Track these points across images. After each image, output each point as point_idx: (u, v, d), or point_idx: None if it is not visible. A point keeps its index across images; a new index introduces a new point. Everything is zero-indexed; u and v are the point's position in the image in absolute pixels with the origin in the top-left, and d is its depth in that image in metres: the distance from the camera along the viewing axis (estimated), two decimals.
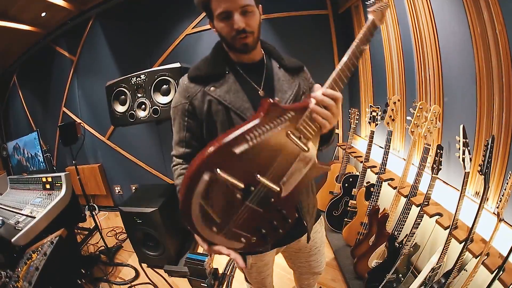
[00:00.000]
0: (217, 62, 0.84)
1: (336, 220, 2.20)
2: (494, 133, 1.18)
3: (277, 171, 0.64)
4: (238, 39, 0.76)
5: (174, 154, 0.89)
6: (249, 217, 0.64)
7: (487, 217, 1.15)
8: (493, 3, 1.11)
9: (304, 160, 0.66)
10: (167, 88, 1.73)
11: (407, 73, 1.80)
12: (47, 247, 1.58)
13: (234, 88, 0.81)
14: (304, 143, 0.65)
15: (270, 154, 0.62)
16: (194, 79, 0.83)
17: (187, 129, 0.85)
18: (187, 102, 0.82)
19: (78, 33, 3.05)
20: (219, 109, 0.79)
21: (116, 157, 3.19)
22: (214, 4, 0.75)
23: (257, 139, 0.60)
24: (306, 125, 0.66)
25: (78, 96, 3.23)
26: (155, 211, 1.92)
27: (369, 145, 1.97)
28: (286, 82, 0.87)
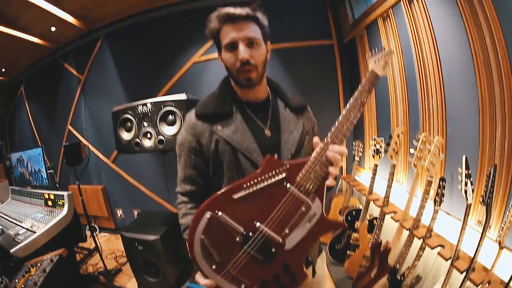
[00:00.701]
0: (224, 100, 0.84)
1: (338, 253, 2.18)
2: (496, 162, 1.18)
3: (277, 221, 0.66)
4: (242, 73, 0.78)
5: (179, 191, 0.88)
6: (251, 264, 0.66)
7: (489, 245, 1.14)
8: (495, 28, 1.13)
9: (307, 213, 0.66)
10: (173, 119, 1.75)
11: (410, 104, 1.80)
12: (47, 264, 1.59)
13: (242, 128, 0.81)
14: (305, 195, 0.67)
15: (268, 203, 0.66)
16: (202, 117, 0.83)
17: (193, 166, 0.84)
18: (194, 140, 0.82)
19: (86, 51, 3.10)
20: (226, 149, 0.79)
21: (120, 180, 3.19)
22: (222, 34, 0.78)
23: (255, 187, 0.66)
24: (306, 178, 0.68)
25: (84, 115, 3.25)
26: (157, 239, 1.91)
27: (372, 178, 1.96)
28: (292, 122, 0.87)
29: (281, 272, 0.66)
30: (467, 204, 1.14)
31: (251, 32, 0.77)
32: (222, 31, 0.78)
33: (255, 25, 0.79)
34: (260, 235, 0.65)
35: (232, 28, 0.76)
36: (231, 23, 0.76)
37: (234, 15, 0.75)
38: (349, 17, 2.39)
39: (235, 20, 0.76)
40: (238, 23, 0.76)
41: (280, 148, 0.83)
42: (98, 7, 2.60)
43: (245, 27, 0.76)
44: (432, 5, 1.48)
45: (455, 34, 1.34)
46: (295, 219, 0.66)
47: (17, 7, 2.32)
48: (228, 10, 0.76)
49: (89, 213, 2.58)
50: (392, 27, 1.87)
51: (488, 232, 1.18)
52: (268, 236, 0.65)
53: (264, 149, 0.80)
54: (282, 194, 0.67)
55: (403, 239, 1.53)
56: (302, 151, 0.87)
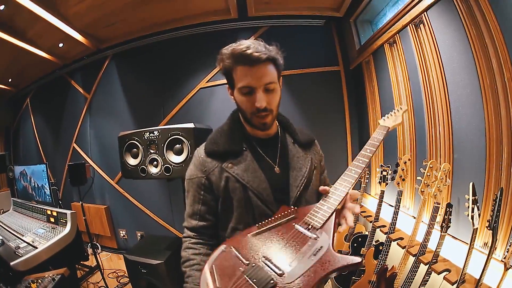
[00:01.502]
0: (234, 137, 0.84)
1: (343, 278, 2.15)
2: (502, 185, 1.19)
3: (281, 254, 0.65)
4: (257, 117, 0.77)
5: (186, 226, 0.88)
6: None
7: (495, 266, 1.14)
8: (501, 51, 1.14)
9: (313, 247, 0.64)
10: (180, 148, 1.75)
11: (417, 131, 1.81)
12: (48, 282, 1.57)
13: (252, 167, 0.81)
14: (310, 231, 0.68)
15: (276, 240, 0.69)
16: (211, 154, 0.83)
17: (202, 202, 0.84)
18: (204, 176, 0.82)
19: (94, 70, 3.13)
20: (236, 187, 0.79)
21: (124, 202, 3.17)
22: (238, 75, 0.75)
23: (266, 226, 0.72)
24: (312, 216, 0.70)
25: (89, 134, 3.26)
26: (161, 263, 1.89)
27: (379, 205, 1.95)
28: (301, 158, 0.87)
29: None
30: (473, 229, 1.15)
31: (269, 77, 0.75)
32: (236, 71, 0.75)
33: (272, 67, 0.76)
34: (260, 265, 0.64)
35: (249, 71, 0.73)
36: (248, 66, 0.72)
37: (252, 57, 0.71)
38: (356, 43, 2.42)
39: (253, 63, 0.72)
40: (255, 66, 0.73)
41: (289, 185, 0.83)
42: (106, 27, 2.63)
43: (263, 71, 0.74)
44: (438, 30, 1.50)
45: (462, 57, 1.37)
46: (299, 253, 0.64)
47: (25, 19, 2.33)
48: (244, 51, 0.71)
49: (91, 231, 2.57)
50: (398, 52, 1.89)
51: (494, 253, 1.17)
52: (268, 266, 0.63)
53: (274, 186, 0.81)
54: (289, 231, 0.69)
55: (409, 264, 1.52)
56: (310, 186, 0.87)
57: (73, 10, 2.30)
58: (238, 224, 0.82)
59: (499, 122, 1.19)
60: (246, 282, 0.62)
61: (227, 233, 0.84)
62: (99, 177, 3.20)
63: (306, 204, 0.81)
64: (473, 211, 1.13)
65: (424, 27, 1.59)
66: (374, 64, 2.22)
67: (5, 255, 1.75)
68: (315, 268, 0.61)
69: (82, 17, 2.41)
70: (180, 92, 2.82)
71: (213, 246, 0.85)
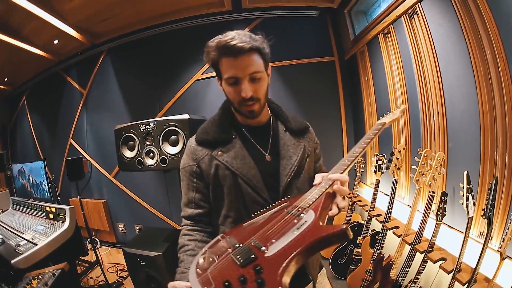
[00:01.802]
0: (224, 126, 0.85)
1: (340, 267, 2.18)
2: (497, 174, 1.20)
3: (267, 234, 0.64)
4: (245, 106, 0.78)
5: (183, 216, 0.89)
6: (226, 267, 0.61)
7: (491, 255, 1.16)
8: (495, 41, 1.15)
9: (297, 223, 0.63)
10: (175, 139, 1.76)
11: (412, 120, 1.82)
12: (48, 277, 1.58)
13: (241, 154, 0.82)
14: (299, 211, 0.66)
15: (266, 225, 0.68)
16: (202, 143, 0.85)
17: (196, 190, 0.85)
18: (195, 164, 0.84)
19: (89, 66, 3.13)
20: (226, 174, 0.80)
21: (122, 195, 3.18)
22: (223, 66, 0.76)
23: (261, 215, 0.73)
24: (302, 200, 0.69)
25: (86, 130, 3.27)
26: (159, 255, 1.91)
27: (374, 194, 1.97)
28: (292, 146, 0.87)
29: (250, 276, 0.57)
30: (468, 218, 1.16)
31: (254, 67, 0.75)
32: (221, 63, 0.75)
33: (257, 56, 0.76)
34: (246, 244, 0.64)
35: (233, 62, 0.73)
36: (232, 57, 0.73)
37: (235, 48, 0.71)
38: (350, 34, 2.42)
39: (237, 54, 0.72)
40: (239, 56, 0.72)
41: (279, 173, 0.83)
42: (100, 22, 2.62)
43: (247, 61, 0.73)
44: (432, 20, 1.51)
45: (456, 48, 1.37)
46: (284, 230, 0.63)
47: (20, 17, 2.32)
48: (228, 42, 0.71)
49: (90, 227, 2.58)
50: (393, 43, 1.90)
51: (490, 243, 1.20)
52: (253, 244, 0.63)
53: (264, 173, 0.81)
54: (279, 215, 0.69)
55: (405, 253, 1.54)
56: (302, 174, 0.87)
57: (68, 6, 2.29)
58: (229, 211, 0.82)
59: (493, 112, 1.20)
60: (230, 258, 0.62)
61: (219, 220, 0.85)
62: (96, 172, 3.21)
63: (297, 192, 0.82)
64: (468, 199, 1.14)
65: (418, 18, 1.59)
66: (369, 54, 2.23)
67: (6, 254, 1.75)
68: (297, 239, 0.59)
69: (76, 13, 2.41)
70: (175, 84, 2.83)
71: (209, 233, 0.86)
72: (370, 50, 2.20)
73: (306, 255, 0.58)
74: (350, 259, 2.11)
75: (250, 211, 0.77)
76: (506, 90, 1.13)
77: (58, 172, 3.55)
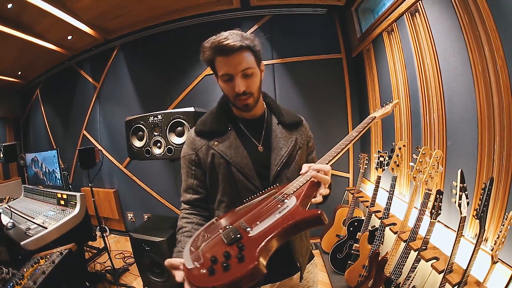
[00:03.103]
0: (220, 119, 0.93)
1: (339, 262, 2.21)
2: (494, 174, 1.19)
3: (254, 217, 0.70)
4: (239, 100, 0.84)
5: (182, 200, 0.96)
6: (214, 245, 0.68)
7: (485, 258, 1.15)
8: (493, 38, 1.15)
9: (280, 208, 0.68)
10: (181, 130, 1.83)
11: (413, 117, 1.84)
12: (56, 256, 1.63)
13: (235, 144, 0.88)
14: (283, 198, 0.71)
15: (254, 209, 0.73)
16: (200, 133, 0.93)
17: (194, 177, 0.93)
18: (194, 153, 0.92)
19: (102, 60, 3.23)
20: (221, 163, 0.87)
21: (132, 185, 3.28)
22: (217, 65, 0.82)
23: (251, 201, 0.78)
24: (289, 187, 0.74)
25: (99, 121, 3.37)
26: (163, 241, 1.98)
27: (375, 190, 1.99)
28: (283, 139, 0.93)
29: (233, 253, 0.63)
30: (461, 217, 1.16)
31: (245, 64, 0.80)
32: (216, 62, 0.81)
33: (248, 53, 0.81)
34: (234, 225, 0.70)
35: (226, 60, 0.79)
36: (225, 55, 0.78)
37: (226, 47, 0.77)
38: (357, 31, 2.44)
39: (228, 53, 0.77)
40: (231, 55, 0.78)
41: (270, 163, 0.89)
42: (113, 19, 2.71)
43: (238, 59, 0.79)
44: (433, 17, 1.53)
45: (455, 45, 1.38)
46: (268, 213, 0.68)
47: (33, 14, 2.40)
48: (221, 42, 0.77)
49: (100, 215, 2.68)
50: (396, 40, 1.91)
51: (484, 245, 1.20)
52: (240, 226, 0.68)
53: (256, 162, 0.88)
54: (266, 201, 0.74)
55: (400, 250, 1.56)
56: (293, 165, 0.92)
57: (80, 5, 2.37)
58: (223, 197, 0.90)
59: (491, 110, 1.20)
60: (220, 237, 0.68)
61: (215, 205, 0.92)
62: (108, 162, 3.31)
63: (287, 181, 0.87)
64: (461, 198, 1.14)
65: (419, 15, 1.61)
66: (374, 52, 2.25)
67: (16, 237, 1.81)
68: (277, 222, 0.65)
69: (89, 10, 2.49)
70: (185, 79, 2.90)
71: (206, 217, 0.93)
72: (376, 48, 2.22)
73: (285, 235, 0.63)
74: (349, 254, 2.14)
75: (242, 197, 0.82)
76: (504, 87, 1.14)
77: (71, 162, 3.67)
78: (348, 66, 2.64)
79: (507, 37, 1.11)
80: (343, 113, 2.68)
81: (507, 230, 1.02)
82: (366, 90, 2.42)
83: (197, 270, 0.61)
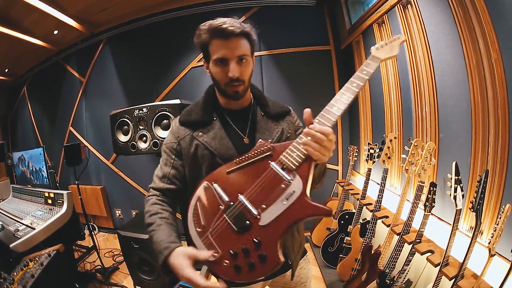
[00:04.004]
0: (206, 109, 0.89)
1: (331, 256, 2.20)
2: (489, 167, 1.19)
3: (256, 194, 0.69)
4: (230, 86, 0.81)
5: (153, 187, 0.90)
6: (226, 233, 0.69)
7: (481, 251, 1.14)
8: (488, 31, 1.13)
9: (286, 190, 0.66)
10: (167, 123, 1.79)
11: (404, 109, 1.82)
12: (44, 258, 1.63)
13: (220, 135, 0.85)
14: (285, 172, 0.67)
15: (253, 178, 0.71)
16: (184, 123, 0.89)
17: (172, 166, 0.89)
18: (176, 142, 0.88)
19: (88, 55, 3.17)
20: (205, 154, 0.84)
21: (119, 181, 3.23)
22: (212, 48, 0.79)
23: (243, 163, 0.74)
24: (288, 155, 0.68)
25: (85, 117, 3.31)
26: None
27: (365, 183, 1.98)
28: (268, 130, 0.90)
29: (252, 248, 0.65)
30: (456, 209, 1.15)
31: (243, 49, 0.79)
32: (212, 44, 0.79)
33: (246, 41, 0.80)
34: (238, 204, 0.70)
35: (224, 43, 0.77)
36: (223, 39, 0.77)
37: (227, 31, 0.75)
38: (347, 23, 2.42)
39: (228, 36, 0.76)
40: (230, 39, 0.77)
41: None
42: (99, 12, 2.65)
43: (237, 44, 0.78)
44: (425, 10, 1.51)
45: (448, 38, 1.36)
46: (273, 195, 0.67)
47: (20, 9, 2.37)
48: (220, 25, 0.76)
49: (88, 213, 2.63)
50: (387, 32, 1.89)
51: (480, 238, 1.19)
52: (245, 207, 0.68)
53: (242, 154, 0.82)
54: (266, 170, 0.70)
55: (394, 243, 1.54)
56: None
57: None
58: None
59: (486, 103, 1.19)
60: (225, 222, 0.69)
61: None
62: (95, 158, 3.26)
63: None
64: (456, 191, 1.13)
65: (411, 7, 1.59)
66: (364, 44, 2.23)
67: (5, 240, 1.79)
68: (286, 214, 0.65)
69: (75, 4, 2.44)
70: (172, 71, 2.86)
71: (171, 214, 0.86)
72: (365, 40, 2.20)
73: (292, 227, 0.66)
74: (341, 247, 2.13)
75: None
76: (498, 80, 1.12)
77: (58, 160, 3.60)
78: (337, 58, 2.62)
79: (502, 30, 1.09)
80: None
81: (504, 222, 1.01)
82: None
83: (221, 262, 0.67)
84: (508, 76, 1.09)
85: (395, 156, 1.84)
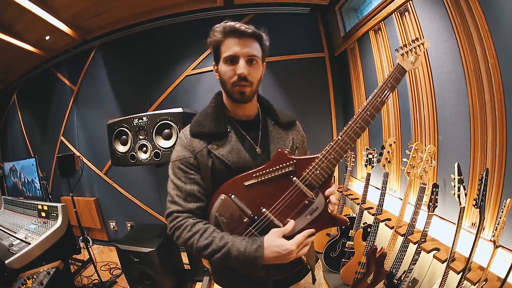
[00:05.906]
0: (219, 120, 0.85)
1: (333, 261, 2.20)
2: (488, 166, 1.23)
3: (281, 209, 0.72)
4: (237, 86, 0.79)
5: (178, 210, 0.79)
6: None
7: (484, 245, 1.19)
8: (485, 37, 1.17)
9: (309, 207, 0.72)
10: (169, 133, 1.75)
11: (402, 114, 1.86)
12: (43, 276, 1.58)
13: (237, 148, 0.82)
14: (308, 189, 0.72)
15: (275, 193, 0.73)
16: (197, 135, 0.83)
17: (194, 182, 0.81)
18: (192, 156, 0.81)
19: (80, 62, 3.09)
20: (222, 169, 0.81)
21: (113, 192, 3.15)
22: (224, 46, 0.79)
23: (264, 177, 0.74)
24: (312, 173, 0.72)
25: (76, 126, 3.23)
26: (153, 251, 1.90)
27: (365, 187, 2.00)
28: (281, 139, 0.89)
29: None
30: (460, 207, 1.19)
31: (254, 50, 0.80)
32: (224, 43, 0.79)
33: (257, 44, 0.82)
34: (264, 219, 0.73)
35: (236, 42, 0.78)
36: (236, 37, 0.78)
37: (239, 30, 0.78)
38: (341, 30, 2.45)
39: (240, 35, 0.78)
40: (242, 38, 0.78)
41: None
42: (92, 17, 2.60)
43: (248, 44, 0.79)
44: (423, 17, 1.54)
45: (446, 44, 1.40)
46: (297, 210, 0.72)
47: (13, 12, 2.30)
48: (234, 25, 0.78)
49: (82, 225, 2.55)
50: (383, 39, 1.93)
51: (482, 233, 1.23)
52: (272, 221, 0.72)
53: (257, 166, 0.81)
54: (288, 186, 0.73)
55: (398, 244, 1.58)
56: None
57: (61, 2, 2.27)
58: None
59: (483, 106, 1.23)
60: (251, 235, 0.72)
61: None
62: (87, 169, 3.17)
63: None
64: (459, 190, 1.18)
65: (409, 15, 1.62)
66: (359, 50, 2.26)
67: (0, 254, 1.74)
68: (309, 227, 0.71)
69: (68, 8, 2.39)
70: (166, 79, 2.82)
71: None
72: (361, 46, 2.24)
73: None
74: (343, 252, 2.14)
75: None
76: (495, 85, 1.16)
77: (49, 170, 3.48)
78: (331, 65, 2.65)
79: (499, 36, 1.13)
80: (327, 112, 2.68)
81: (506, 215, 1.06)
82: (351, 88, 2.43)
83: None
84: (504, 80, 1.14)
85: (394, 160, 1.88)
